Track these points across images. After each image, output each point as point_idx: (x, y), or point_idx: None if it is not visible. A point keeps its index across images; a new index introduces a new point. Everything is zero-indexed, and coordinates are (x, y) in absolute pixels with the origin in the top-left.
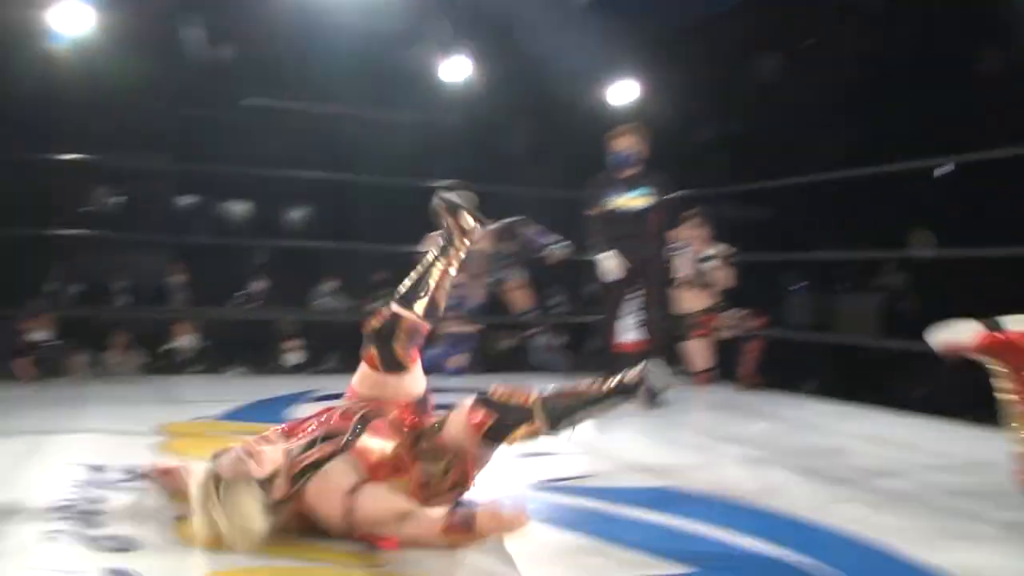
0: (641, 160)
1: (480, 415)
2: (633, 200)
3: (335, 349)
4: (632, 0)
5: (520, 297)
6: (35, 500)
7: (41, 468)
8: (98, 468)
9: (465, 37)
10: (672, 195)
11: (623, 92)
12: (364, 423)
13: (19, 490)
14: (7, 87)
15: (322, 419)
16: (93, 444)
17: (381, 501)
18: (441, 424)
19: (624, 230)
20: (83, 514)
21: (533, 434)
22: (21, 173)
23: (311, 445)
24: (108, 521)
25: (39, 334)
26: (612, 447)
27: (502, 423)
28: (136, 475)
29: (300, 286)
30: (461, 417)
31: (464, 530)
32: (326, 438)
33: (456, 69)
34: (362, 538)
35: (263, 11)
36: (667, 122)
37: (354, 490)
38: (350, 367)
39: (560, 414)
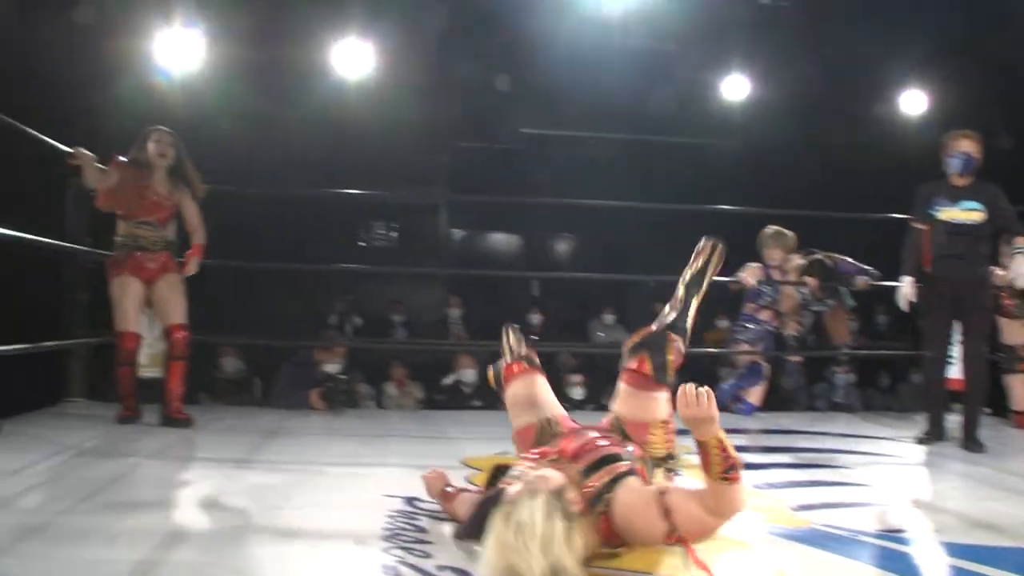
0: (978, 168)
1: (636, 362)
2: (965, 213)
3: (615, 383)
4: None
5: (839, 330)
6: (362, 528)
7: (359, 498)
8: (411, 500)
9: (742, 56)
10: (1007, 210)
11: (913, 103)
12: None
13: (344, 518)
14: (292, 127)
15: (587, 442)
16: (403, 476)
17: (688, 497)
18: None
19: (952, 248)
20: (413, 543)
21: (678, 353)
22: (304, 209)
23: (595, 467)
24: (436, 552)
25: (331, 366)
26: (935, 498)
27: (656, 356)
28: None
29: (576, 318)
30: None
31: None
32: (608, 459)
33: (735, 89)
34: (678, 540)
35: (536, 41)
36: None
37: (663, 493)
38: None
39: (682, 324)
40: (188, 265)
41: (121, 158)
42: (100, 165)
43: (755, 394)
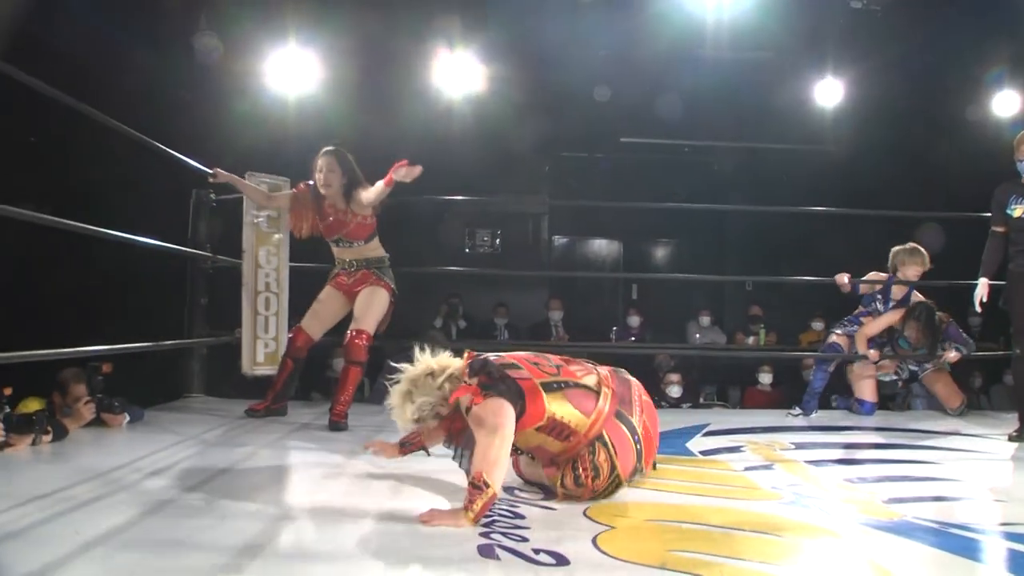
0: None
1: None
2: None
3: (711, 383)
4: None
5: (949, 394)
6: None
7: (459, 485)
8: (509, 488)
9: (835, 62)
10: None
11: (1006, 104)
12: None
13: (444, 504)
14: (401, 140)
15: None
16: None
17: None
18: None
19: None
20: (510, 528)
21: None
22: (412, 216)
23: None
24: (533, 536)
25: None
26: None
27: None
28: (548, 492)
29: (674, 320)
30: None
31: None
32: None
33: (828, 95)
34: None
35: (634, 53)
36: None
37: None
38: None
39: None
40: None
41: (306, 183)
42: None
43: (869, 389)
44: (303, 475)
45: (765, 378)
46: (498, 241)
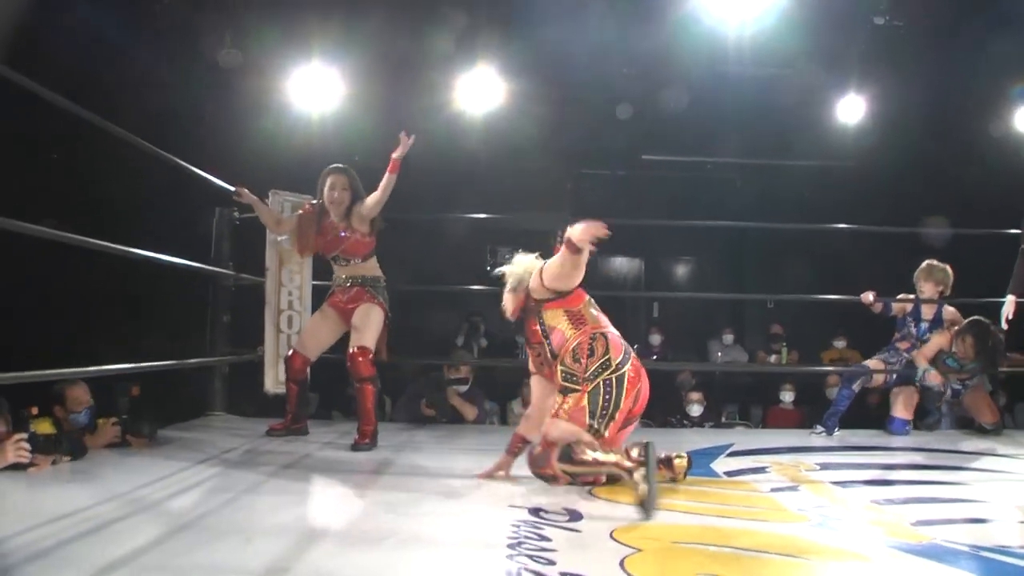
0: None
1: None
2: None
3: (733, 402)
4: None
5: (983, 410)
6: (487, 536)
7: (485, 507)
8: (536, 510)
9: (858, 78)
10: None
11: None
12: None
13: (469, 526)
14: (419, 155)
15: None
16: (528, 489)
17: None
18: None
19: None
20: (537, 551)
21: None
22: (433, 234)
23: None
24: (561, 559)
25: (460, 385)
26: None
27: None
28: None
29: (696, 338)
30: None
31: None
32: None
33: (851, 111)
34: None
35: (655, 70)
36: None
37: None
38: (750, 419)
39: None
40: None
41: (311, 203)
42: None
43: (902, 405)
44: (325, 496)
45: (787, 396)
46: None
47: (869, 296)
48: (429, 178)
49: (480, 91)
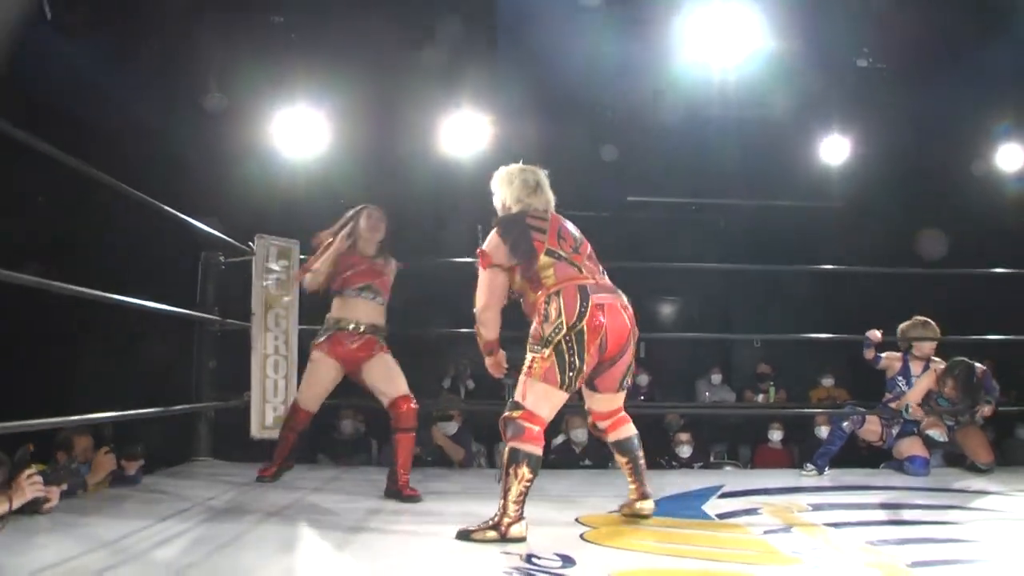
0: None
1: None
2: None
3: (721, 441)
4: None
5: (978, 449)
6: None
7: (477, 555)
8: (529, 557)
9: (841, 119)
10: None
11: (1010, 158)
12: None
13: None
14: (406, 197)
15: None
16: None
17: None
18: None
19: None
20: None
21: None
22: (418, 277)
23: None
24: None
25: (448, 426)
26: None
27: None
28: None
29: (683, 378)
30: None
31: None
32: None
33: (835, 152)
34: None
35: (641, 113)
36: None
37: None
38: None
39: None
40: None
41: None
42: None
43: (918, 445)
44: (314, 544)
45: (776, 435)
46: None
47: (877, 334)
48: (413, 221)
49: (465, 134)
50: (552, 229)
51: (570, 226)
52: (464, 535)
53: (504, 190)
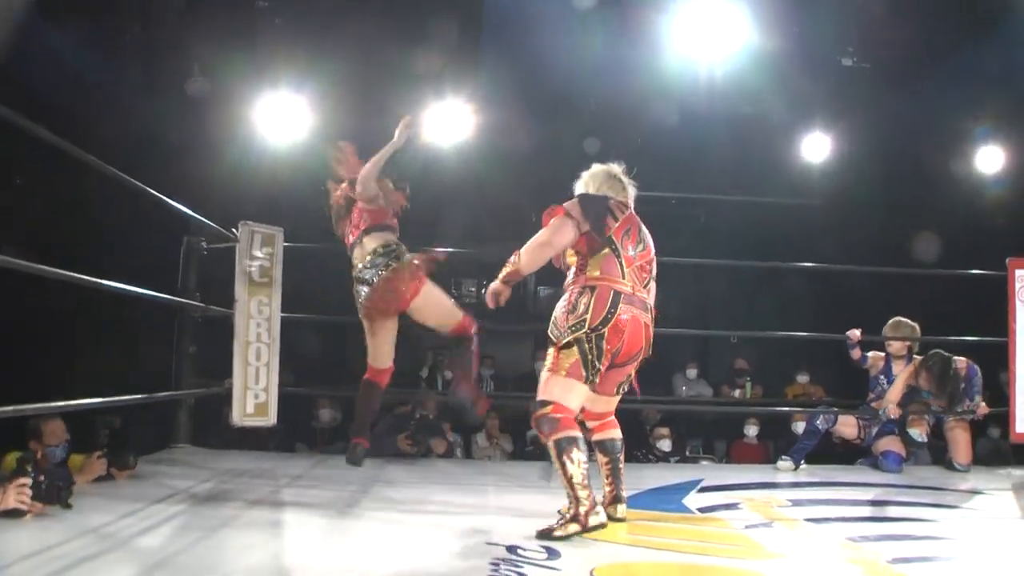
0: None
1: None
2: None
3: (697, 436)
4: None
5: (960, 446)
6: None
7: (462, 545)
8: (513, 548)
9: (824, 117)
10: None
11: (989, 160)
12: None
13: (447, 565)
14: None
15: None
16: (504, 524)
17: None
18: None
19: None
20: None
21: None
22: None
23: None
24: None
25: (420, 414)
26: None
27: None
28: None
29: (660, 373)
30: None
31: None
32: None
33: (816, 149)
34: None
35: (624, 105)
36: None
37: None
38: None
39: None
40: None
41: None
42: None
43: (895, 442)
44: (298, 532)
45: (751, 431)
46: (483, 292)
47: (856, 333)
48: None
49: (447, 122)
50: (624, 224)
51: (644, 232)
52: (546, 534)
53: (591, 181)
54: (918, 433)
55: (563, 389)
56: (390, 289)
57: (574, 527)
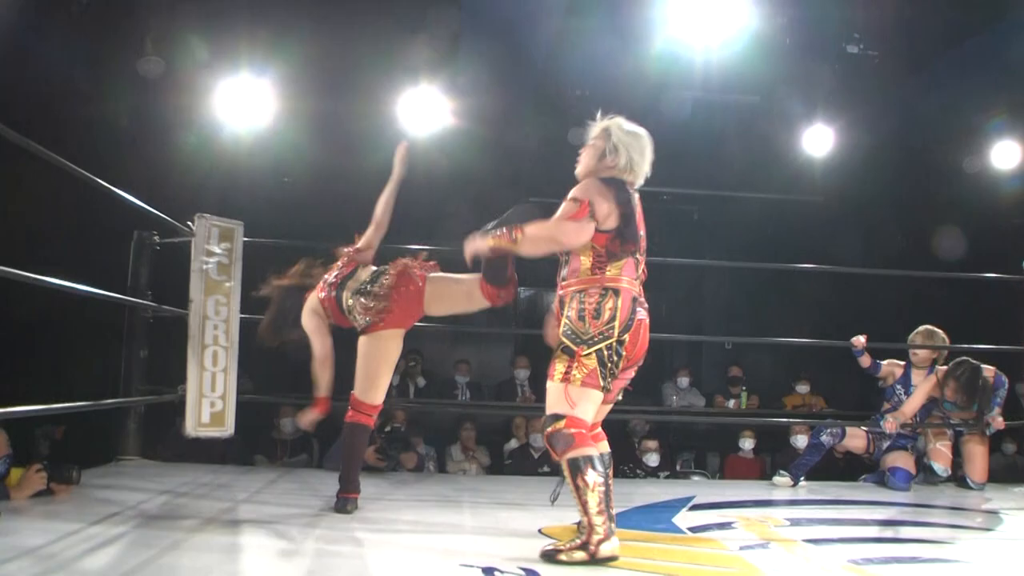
0: None
1: None
2: None
3: (689, 449)
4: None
5: (976, 463)
6: None
7: (431, 567)
8: (490, 570)
9: (827, 108)
10: None
11: (1005, 156)
12: None
13: None
14: (355, 179)
15: None
16: (479, 544)
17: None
18: None
19: None
20: None
21: None
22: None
23: None
24: None
25: (391, 426)
26: None
27: None
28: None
29: (649, 381)
30: None
31: None
32: None
33: (818, 143)
34: None
35: (611, 94)
36: None
37: None
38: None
39: None
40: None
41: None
42: None
43: (903, 458)
44: (256, 554)
45: (747, 444)
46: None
47: (861, 339)
48: (366, 204)
49: (423, 110)
50: (640, 218)
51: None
52: (549, 556)
53: (623, 149)
54: (942, 468)
55: (578, 400)
56: (402, 285)
57: (581, 555)
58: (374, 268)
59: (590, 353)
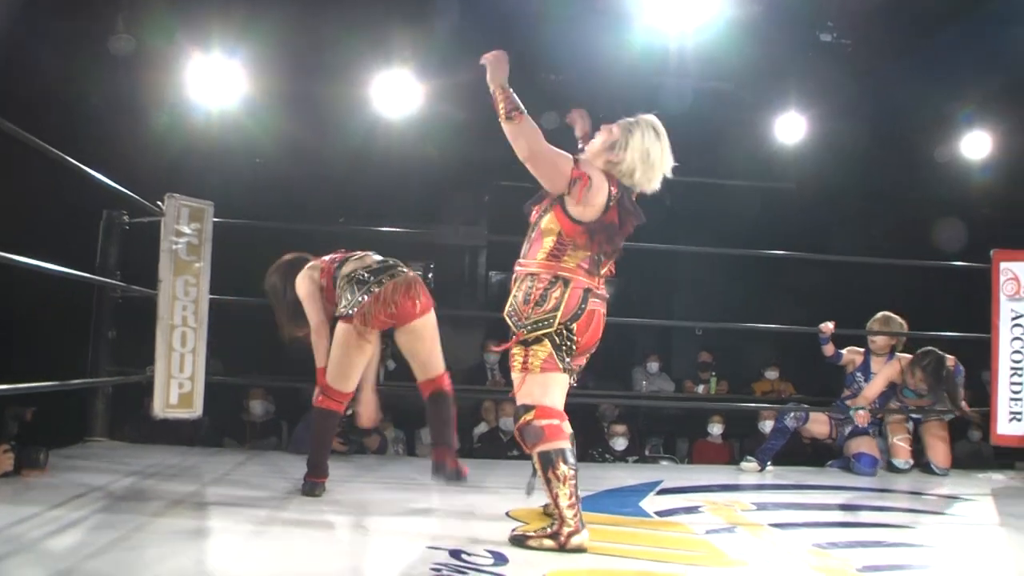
0: None
1: None
2: None
3: (657, 434)
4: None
5: (938, 450)
6: None
7: (400, 549)
8: (456, 552)
9: (799, 96)
10: None
11: (976, 145)
12: None
13: (388, 570)
14: (332, 161)
15: None
16: (447, 527)
17: None
18: None
19: None
20: None
21: None
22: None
23: None
24: None
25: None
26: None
27: None
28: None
29: (619, 366)
30: None
31: None
32: None
33: (791, 130)
34: None
35: (585, 78)
36: None
37: None
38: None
39: None
40: None
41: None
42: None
43: (867, 443)
44: (223, 536)
45: (715, 429)
46: (431, 275)
47: (829, 326)
48: (337, 188)
49: (395, 92)
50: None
51: None
52: (519, 541)
53: (641, 154)
54: (903, 461)
55: (543, 387)
56: (401, 291)
57: (550, 543)
58: (380, 258)
59: (538, 339)
